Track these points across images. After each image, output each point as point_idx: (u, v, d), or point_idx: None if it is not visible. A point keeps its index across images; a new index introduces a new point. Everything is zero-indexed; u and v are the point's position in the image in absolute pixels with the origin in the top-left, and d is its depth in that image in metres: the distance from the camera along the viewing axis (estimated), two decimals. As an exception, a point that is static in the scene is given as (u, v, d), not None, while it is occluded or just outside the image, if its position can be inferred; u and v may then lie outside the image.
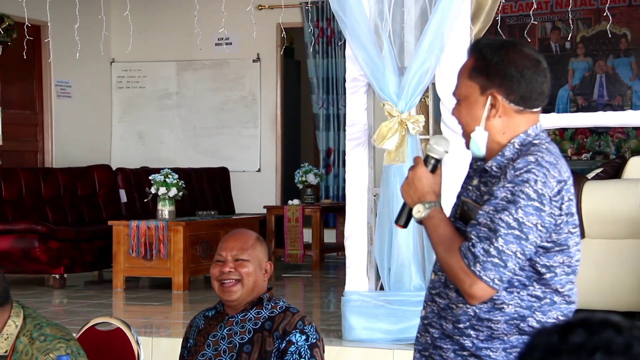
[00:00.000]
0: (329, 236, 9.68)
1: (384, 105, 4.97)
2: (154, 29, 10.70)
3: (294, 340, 2.86)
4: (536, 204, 2.13)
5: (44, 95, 10.13)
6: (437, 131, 5.18)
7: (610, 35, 8.64)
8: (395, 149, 4.95)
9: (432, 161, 2.32)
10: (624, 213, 5.39)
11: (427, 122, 5.24)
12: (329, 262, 9.62)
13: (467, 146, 2.30)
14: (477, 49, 2.27)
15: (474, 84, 2.25)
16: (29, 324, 2.81)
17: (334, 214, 9.88)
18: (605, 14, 4.92)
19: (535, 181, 2.14)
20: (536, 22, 5.55)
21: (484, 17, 5.20)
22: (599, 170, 6.09)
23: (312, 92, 10.58)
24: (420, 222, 2.28)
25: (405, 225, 2.34)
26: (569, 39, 8.32)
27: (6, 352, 2.75)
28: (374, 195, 5.19)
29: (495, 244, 2.12)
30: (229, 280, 2.89)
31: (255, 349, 2.87)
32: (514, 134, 2.25)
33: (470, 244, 2.14)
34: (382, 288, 5.16)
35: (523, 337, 2.20)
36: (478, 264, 2.12)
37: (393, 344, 4.92)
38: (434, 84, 5.05)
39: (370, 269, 5.18)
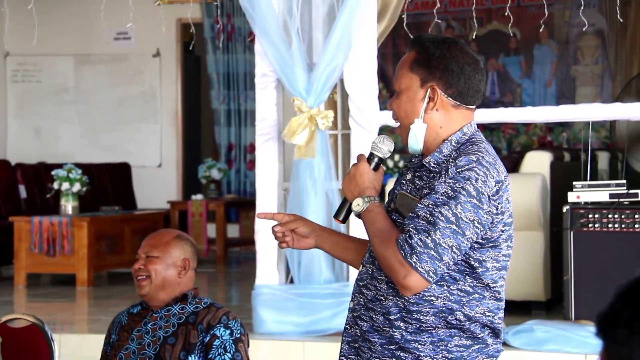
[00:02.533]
0: (232, 231, 9.65)
1: (293, 100, 4.98)
2: (51, 22, 10.40)
3: (218, 335, 2.85)
4: (475, 201, 2.16)
5: None
6: (345, 126, 5.21)
7: (509, 35, 8.86)
8: (305, 144, 4.97)
9: (376, 159, 2.33)
10: (522, 206, 5.54)
11: (335, 117, 5.27)
12: (233, 256, 9.59)
13: (404, 140, 2.32)
14: (420, 42, 2.30)
15: (415, 76, 2.28)
16: None
17: (237, 208, 9.84)
18: (506, 14, 5.04)
19: (476, 179, 2.17)
20: (440, 21, 5.65)
21: (389, 15, 5.26)
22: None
23: (212, 88, 10.50)
24: (358, 215, 2.29)
25: (344, 220, 2.35)
26: (471, 37, 8.49)
27: None
28: (284, 190, 5.19)
29: (433, 237, 2.14)
30: (140, 277, 2.95)
31: (179, 341, 2.87)
32: (450, 129, 2.28)
33: (407, 235, 2.16)
34: (292, 281, 5.17)
35: (450, 330, 2.23)
36: (414, 255, 2.13)
37: (304, 336, 4.94)
38: (342, 80, 5.09)
39: (280, 263, 5.18)
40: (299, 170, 5.00)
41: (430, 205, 2.16)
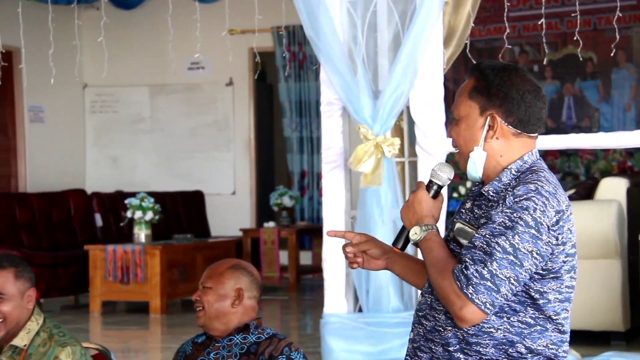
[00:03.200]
0: (305, 258, 9.66)
1: (359, 128, 4.98)
2: (127, 53, 10.66)
3: None
4: (533, 231, 2.13)
5: (16, 121, 10.05)
6: (412, 154, 5.19)
7: (580, 59, 8.74)
8: (372, 172, 4.95)
9: (435, 187, 2.32)
10: (597, 234, 5.42)
11: (402, 144, 5.25)
12: (306, 283, 9.59)
13: (463, 167, 2.30)
14: (479, 69, 2.28)
15: (474, 104, 2.26)
16: (49, 323, 3.01)
17: (310, 236, 9.86)
18: (575, 39, 4.96)
19: (535, 209, 2.14)
20: (510, 46, 5.59)
21: (455, 42, 5.23)
22: (571, 192, 6.13)
23: (284, 116, 10.58)
24: (416, 244, 2.28)
25: (403, 248, 2.34)
26: (543, 61, 8.40)
27: (25, 345, 2.94)
28: (351, 218, 5.18)
29: (490, 267, 2.11)
30: (197, 307, 3.00)
31: None
32: (511, 158, 2.25)
33: (463, 266, 2.13)
34: (360, 310, 5.14)
35: None
36: (470, 287, 2.11)
37: (372, 365, 4.90)
38: (408, 108, 5.07)
39: (348, 291, 5.16)
40: (365, 198, 4.99)
41: (487, 236, 2.13)
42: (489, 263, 2.10)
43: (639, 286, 5.81)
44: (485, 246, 2.12)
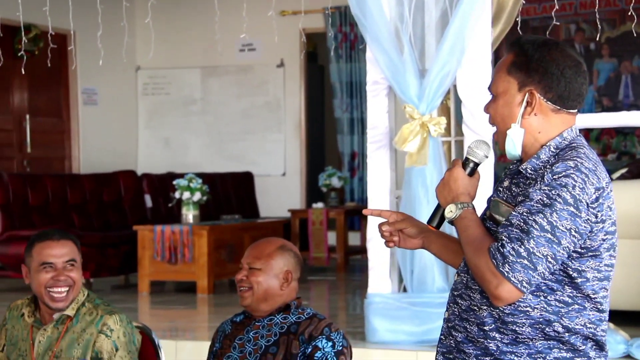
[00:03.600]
0: (354, 239, 9.65)
1: (405, 107, 4.93)
2: (178, 35, 10.72)
3: (320, 346, 2.85)
4: (572, 209, 2.10)
5: (70, 103, 10.19)
6: (459, 133, 5.13)
7: (635, 35, 8.55)
8: (417, 151, 4.91)
9: (471, 164, 2.29)
10: (646, 213, 5.29)
11: (448, 124, 5.19)
12: (354, 264, 9.58)
13: (501, 145, 2.26)
14: (519, 44, 2.24)
15: (513, 80, 2.22)
16: (92, 295, 3.15)
17: (358, 216, 9.84)
18: (630, 14, 4.84)
19: (574, 186, 2.10)
20: (559, 23, 5.49)
21: (504, 19, 5.14)
22: (623, 171, 6.00)
23: (335, 97, 10.56)
24: (451, 222, 2.25)
25: (438, 227, 2.32)
26: (597, 39, 8.25)
27: (71, 314, 3.10)
28: (396, 198, 5.15)
29: (527, 245, 2.08)
30: (242, 287, 2.96)
31: (280, 351, 2.88)
32: (549, 134, 2.22)
33: (499, 244, 2.10)
34: (404, 290, 5.12)
35: (549, 342, 2.16)
36: (507, 265, 2.08)
37: (417, 345, 4.88)
38: (455, 86, 5.01)
39: (392, 271, 5.14)
40: (410, 178, 4.95)
41: (524, 213, 2.10)
42: (525, 241, 2.07)
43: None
44: (522, 224, 2.09)
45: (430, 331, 4.87)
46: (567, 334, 2.15)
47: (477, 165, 2.28)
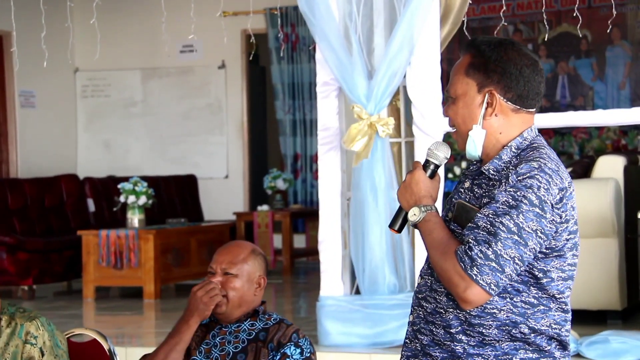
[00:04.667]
0: (299, 241, 9.63)
1: (353, 107, 4.92)
2: (118, 37, 10.56)
3: (289, 353, 2.82)
4: (537, 210, 2.09)
5: (7, 106, 9.96)
6: (409, 134, 5.13)
7: (580, 36, 8.70)
8: (363, 148, 4.89)
9: (432, 166, 2.27)
10: (595, 212, 5.38)
11: (398, 125, 5.19)
12: (299, 267, 9.57)
13: (462, 147, 2.25)
14: (475, 45, 2.23)
15: (471, 81, 2.22)
16: (4, 304, 2.99)
17: (303, 219, 9.83)
18: (575, 15, 4.91)
19: (539, 187, 2.10)
20: (505, 24, 5.54)
21: (452, 19, 5.16)
22: (568, 170, 6.09)
23: (277, 98, 10.53)
24: (415, 225, 2.23)
25: (399, 230, 2.30)
26: (536, 39, 8.36)
27: None
28: (347, 200, 5.13)
29: (494, 248, 2.07)
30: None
31: (249, 358, 2.83)
32: (510, 135, 2.21)
33: (467, 247, 2.09)
34: (357, 292, 5.11)
35: (515, 343, 2.15)
36: (475, 267, 2.07)
37: (369, 348, 4.88)
38: (405, 87, 5.01)
39: (344, 273, 5.12)
40: (359, 179, 4.94)
41: (490, 215, 2.09)
42: (493, 243, 2.07)
43: (637, 265, 5.78)
44: (488, 226, 2.08)
45: (382, 333, 4.87)
46: (532, 335, 2.15)
47: (437, 167, 2.27)
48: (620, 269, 5.53)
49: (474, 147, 2.21)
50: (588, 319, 5.22)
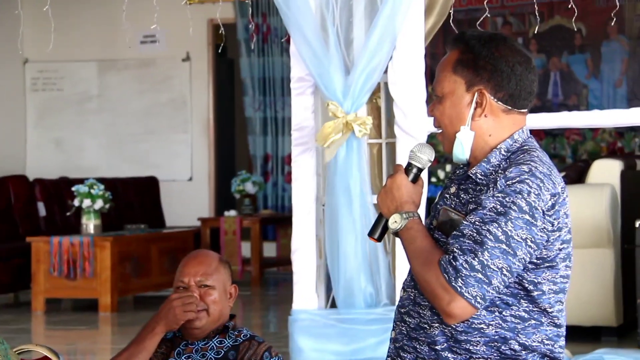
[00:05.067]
0: (269, 250, 9.63)
1: (328, 105, 4.90)
2: (73, 25, 10.51)
3: None
4: (527, 217, 2.11)
5: (-51, 100, 9.90)
6: (390, 134, 5.15)
7: (574, 30, 8.76)
8: (336, 146, 4.88)
9: (414, 170, 2.28)
10: (589, 220, 5.43)
11: (379, 125, 5.21)
12: (269, 277, 9.58)
13: (448, 149, 2.26)
14: (464, 40, 2.24)
15: (459, 79, 2.23)
16: None
17: (274, 225, 9.83)
18: (570, 6, 4.95)
19: (529, 193, 2.11)
20: (490, 15, 5.58)
21: (438, 10, 5.18)
22: (561, 175, 6.14)
23: (246, 94, 10.53)
24: (396, 234, 2.24)
25: (379, 239, 2.31)
26: (527, 33, 8.41)
27: None
28: (323, 205, 5.14)
29: (481, 258, 2.08)
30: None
31: None
32: (500, 137, 2.23)
33: (451, 256, 2.10)
34: (332, 306, 5.11)
35: None
36: (460, 279, 2.08)
37: (345, 366, 4.88)
38: (386, 84, 5.02)
39: (319, 285, 5.13)
40: (334, 183, 4.93)
41: (476, 223, 2.11)
42: (479, 253, 2.08)
43: (634, 277, 5.84)
44: (475, 234, 2.09)
45: (360, 350, 4.87)
46: (524, 352, 2.16)
47: (420, 170, 2.28)
48: (616, 282, 5.57)
49: (462, 150, 2.23)
50: (581, 336, 5.26)
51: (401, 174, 2.26)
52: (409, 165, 2.28)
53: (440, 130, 2.27)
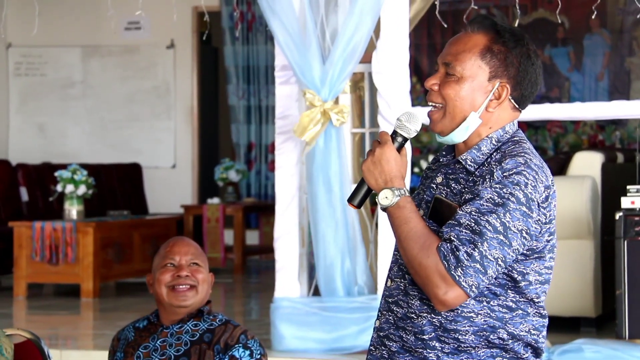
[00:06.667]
0: (251, 238, 9.62)
1: (305, 93, 4.84)
2: (57, 10, 10.44)
3: (237, 356, 2.85)
4: (524, 208, 2.11)
5: None
6: (374, 124, 5.14)
7: (558, 22, 8.77)
8: (315, 138, 4.85)
9: (400, 139, 2.22)
10: (569, 212, 5.45)
11: (362, 114, 5.20)
12: (252, 265, 9.58)
13: (440, 127, 2.22)
14: (496, 29, 2.21)
15: (485, 66, 2.20)
16: None
17: (257, 213, 9.82)
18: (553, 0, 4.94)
19: (526, 184, 2.12)
20: (476, 7, 5.56)
21: (422, -2, 5.15)
22: (542, 166, 6.15)
23: (230, 82, 10.50)
24: (384, 209, 2.19)
25: (359, 206, 2.24)
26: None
27: None
28: (306, 194, 5.13)
29: (480, 248, 2.08)
30: (184, 286, 2.90)
31: None
32: (495, 129, 2.23)
33: (452, 246, 2.09)
34: (315, 294, 5.12)
35: (492, 350, 2.17)
36: (460, 269, 2.08)
37: (327, 353, 4.90)
38: (370, 74, 4.99)
39: (301, 273, 5.13)
40: (312, 172, 4.92)
41: (474, 213, 2.10)
42: (479, 244, 2.08)
43: (613, 269, 5.86)
44: (473, 224, 2.09)
45: (341, 338, 4.88)
46: (511, 341, 2.17)
47: (405, 140, 2.22)
48: (596, 273, 5.60)
49: (463, 135, 2.21)
50: (560, 327, 5.28)
51: (390, 146, 2.19)
52: (394, 133, 2.22)
53: (438, 107, 2.22)
